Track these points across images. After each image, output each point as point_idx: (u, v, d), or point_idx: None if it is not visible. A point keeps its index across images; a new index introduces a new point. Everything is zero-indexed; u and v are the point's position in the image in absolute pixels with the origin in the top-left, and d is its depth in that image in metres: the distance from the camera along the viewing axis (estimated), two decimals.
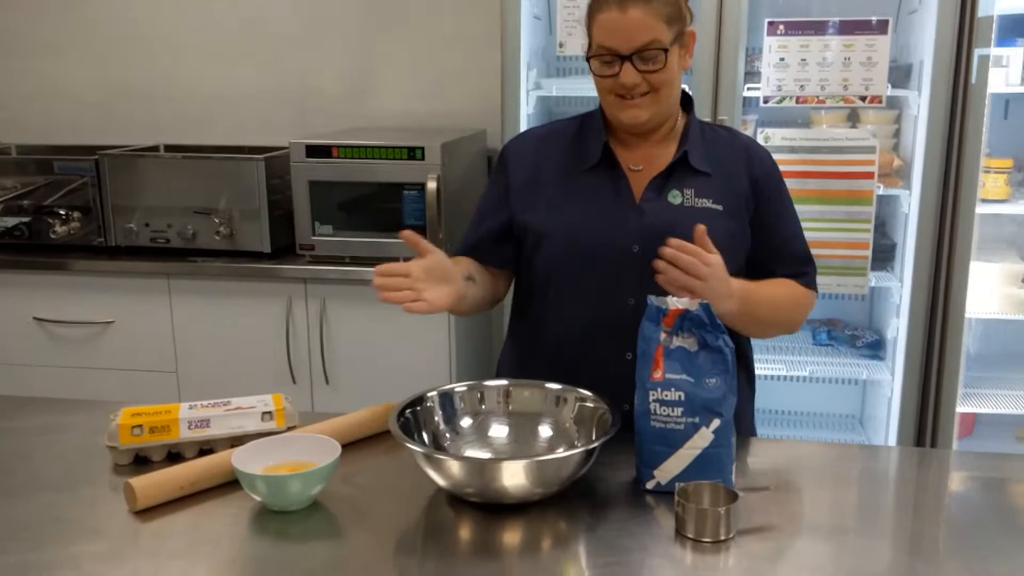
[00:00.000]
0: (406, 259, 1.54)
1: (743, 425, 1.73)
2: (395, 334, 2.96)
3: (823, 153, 2.55)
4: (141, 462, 1.54)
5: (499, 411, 1.53)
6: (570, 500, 1.38)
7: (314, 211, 2.96)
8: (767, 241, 1.69)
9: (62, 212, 3.21)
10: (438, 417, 1.50)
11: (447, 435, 1.49)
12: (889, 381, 2.77)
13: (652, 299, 1.43)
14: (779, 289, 1.68)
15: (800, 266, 1.72)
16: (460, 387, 1.54)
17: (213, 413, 1.57)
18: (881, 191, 2.62)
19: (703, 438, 1.40)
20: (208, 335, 3.09)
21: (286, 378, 3.04)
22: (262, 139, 3.42)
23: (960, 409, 2.65)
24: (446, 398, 1.52)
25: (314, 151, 2.92)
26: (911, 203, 2.65)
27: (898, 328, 2.72)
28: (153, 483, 1.38)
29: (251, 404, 1.61)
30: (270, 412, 1.59)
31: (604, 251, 1.62)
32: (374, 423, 1.63)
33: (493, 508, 1.35)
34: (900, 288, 2.70)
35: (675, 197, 1.63)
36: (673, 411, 1.40)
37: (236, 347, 3.08)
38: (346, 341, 3.01)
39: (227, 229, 3.06)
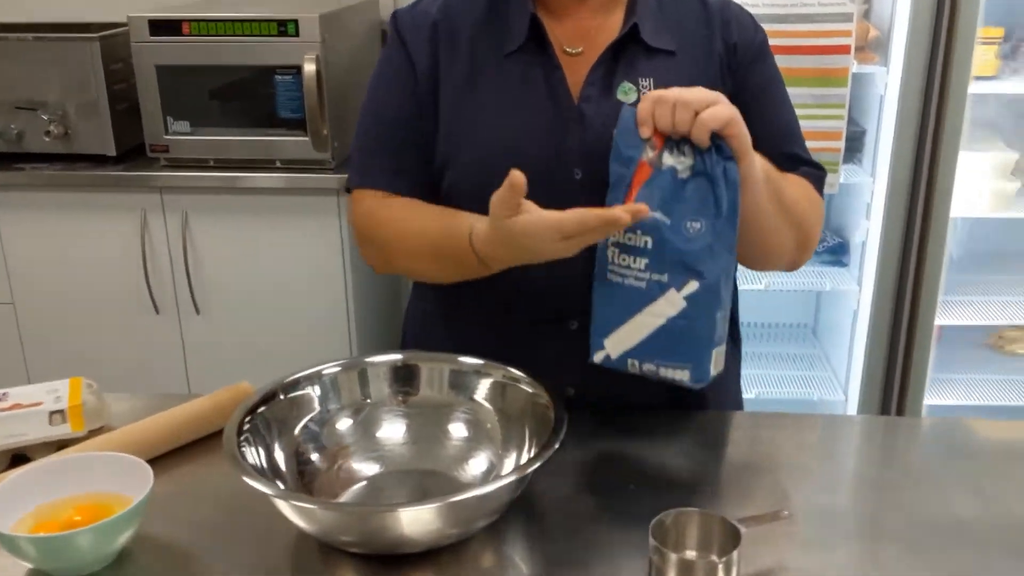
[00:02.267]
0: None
1: (727, 396, 1.32)
2: (276, 251, 2.46)
3: (790, 23, 2.09)
4: None
5: (392, 401, 1.08)
6: (499, 532, 0.95)
7: (166, 104, 2.39)
8: (753, 135, 1.22)
9: None
10: (303, 417, 1.04)
11: (315, 445, 1.03)
12: (855, 292, 2.40)
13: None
14: (791, 180, 1.21)
15: (802, 166, 1.24)
16: (331, 367, 1.07)
17: None
18: (855, 68, 2.18)
19: (671, 304, 1.00)
20: (48, 258, 2.54)
21: (147, 308, 2.53)
22: (96, 13, 2.78)
23: (939, 321, 2.30)
24: (313, 384, 1.05)
25: (160, 27, 2.34)
26: (888, 81, 2.23)
27: (868, 231, 2.33)
28: None
29: (34, 398, 1.12)
30: (61, 411, 1.11)
31: (533, 180, 1.14)
32: (219, 416, 1.16)
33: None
34: (872, 184, 2.30)
35: (628, 92, 1.16)
36: (635, 262, 1.01)
37: (84, 272, 2.54)
38: (216, 261, 2.50)
39: (60, 128, 2.48)
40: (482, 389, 1.06)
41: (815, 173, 1.24)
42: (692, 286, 0.99)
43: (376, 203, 1.22)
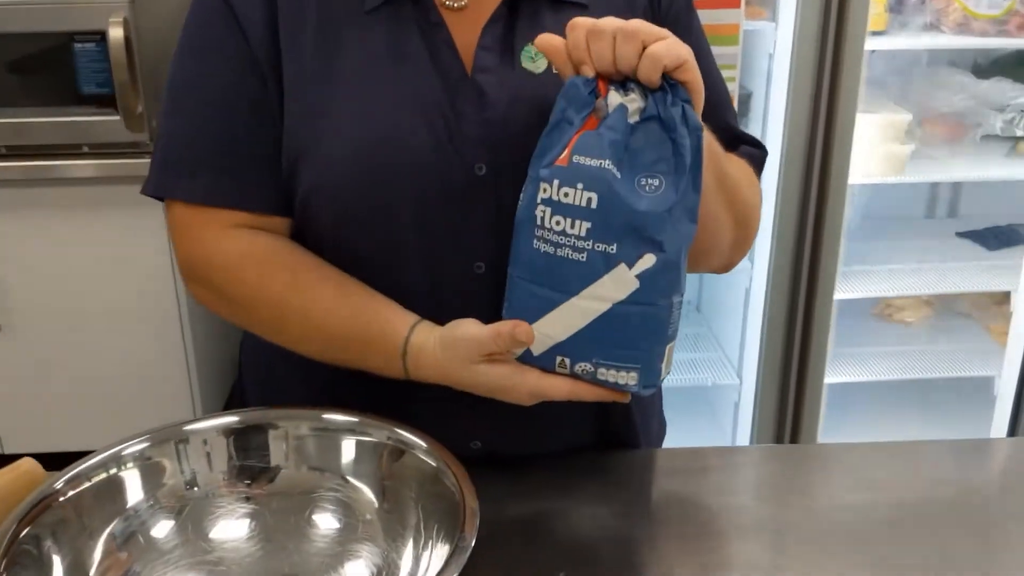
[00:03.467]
0: None
1: (655, 419, 1.08)
2: (90, 253, 2.08)
3: None
4: None
5: (229, 484, 0.78)
6: None
7: None
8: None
9: None
10: (102, 525, 0.73)
11: (125, 560, 0.73)
12: (747, 267, 2.23)
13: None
14: (732, 160, 0.97)
15: (742, 144, 1.01)
16: (135, 444, 0.76)
17: None
18: (744, 26, 1.98)
19: (619, 284, 0.77)
20: None
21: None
22: None
23: (838, 296, 2.15)
24: (112, 473, 0.75)
25: None
26: (777, 39, 2.04)
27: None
28: None
29: None
30: None
31: (420, 181, 0.86)
32: (13, 500, 0.84)
33: None
34: None
35: (534, 57, 0.89)
36: (573, 226, 0.76)
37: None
38: (18, 268, 2.10)
39: None
40: (358, 460, 0.78)
41: (756, 154, 1.00)
42: (648, 260, 0.75)
43: (226, 239, 0.89)
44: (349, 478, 0.77)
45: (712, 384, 2.35)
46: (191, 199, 0.89)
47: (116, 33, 1.89)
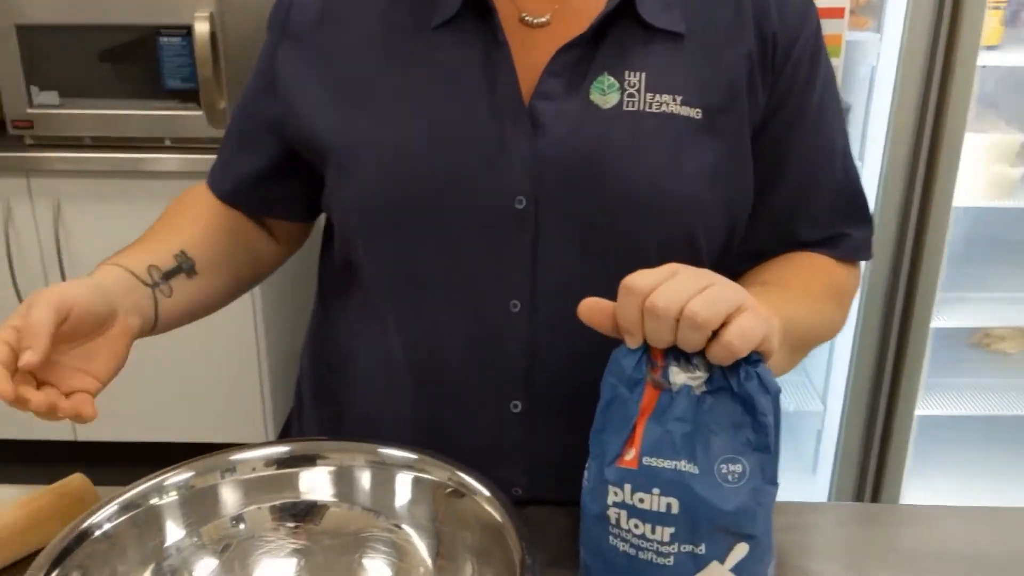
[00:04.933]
0: None
1: None
2: None
3: None
4: None
5: (275, 524, 0.73)
6: None
7: (29, 71, 1.99)
8: (791, 177, 0.86)
9: None
10: (143, 566, 0.69)
11: None
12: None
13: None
14: (810, 283, 0.87)
15: (847, 222, 0.91)
16: (179, 474, 0.72)
17: None
18: (847, 36, 1.88)
19: None
20: None
21: (14, 304, 2.13)
22: None
23: (935, 323, 2.03)
24: (154, 508, 0.70)
25: None
26: (882, 50, 1.93)
27: None
28: None
29: None
30: None
31: (458, 204, 0.80)
32: (35, 534, 0.81)
33: None
34: (861, 168, 2.01)
35: (606, 90, 0.80)
36: (655, 532, 0.67)
37: None
38: (96, 259, 2.10)
39: None
40: (415, 500, 0.73)
41: (853, 237, 0.91)
42: (740, 551, 0.67)
43: (178, 200, 0.98)
44: (403, 520, 0.72)
45: (795, 409, 2.24)
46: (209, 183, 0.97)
47: (202, 28, 1.88)
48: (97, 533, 0.66)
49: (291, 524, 0.72)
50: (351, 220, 0.85)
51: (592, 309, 0.67)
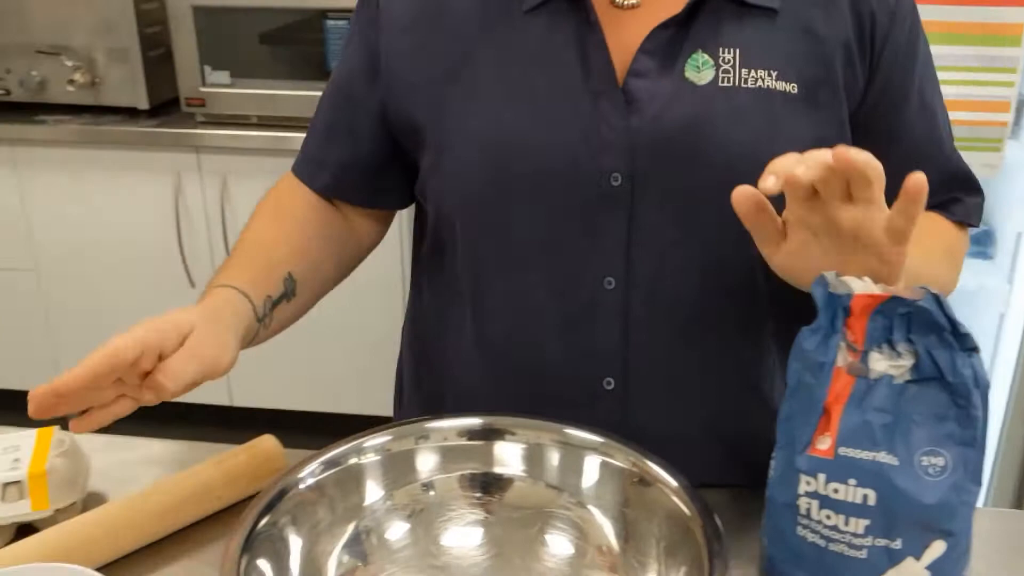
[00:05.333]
0: None
1: None
2: None
3: None
4: None
5: (464, 490, 0.75)
6: None
7: (203, 51, 2.09)
8: (891, 145, 0.83)
9: None
10: (343, 523, 0.72)
11: (354, 558, 0.72)
12: (1004, 290, 2.02)
13: (827, 275, 0.67)
14: (930, 238, 0.86)
15: (951, 187, 0.90)
16: (377, 437, 0.74)
17: None
18: None
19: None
20: (73, 222, 2.28)
21: (182, 282, 2.25)
22: None
23: None
24: (353, 468, 0.73)
25: None
26: None
27: None
28: None
29: None
30: (17, 483, 0.81)
31: (554, 183, 0.81)
32: (229, 488, 0.86)
33: None
34: None
35: (700, 67, 0.79)
36: (847, 523, 0.65)
37: (112, 239, 2.27)
38: None
39: (86, 76, 2.19)
40: (600, 483, 0.73)
41: (962, 201, 0.90)
42: (937, 548, 0.65)
43: (273, 197, 0.95)
44: (588, 501, 0.73)
45: None
46: (296, 173, 0.95)
47: None
48: (302, 486, 0.70)
49: (477, 494, 0.74)
50: (447, 202, 0.86)
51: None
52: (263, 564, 0.65)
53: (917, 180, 0.63)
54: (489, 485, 0.74)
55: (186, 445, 0.98)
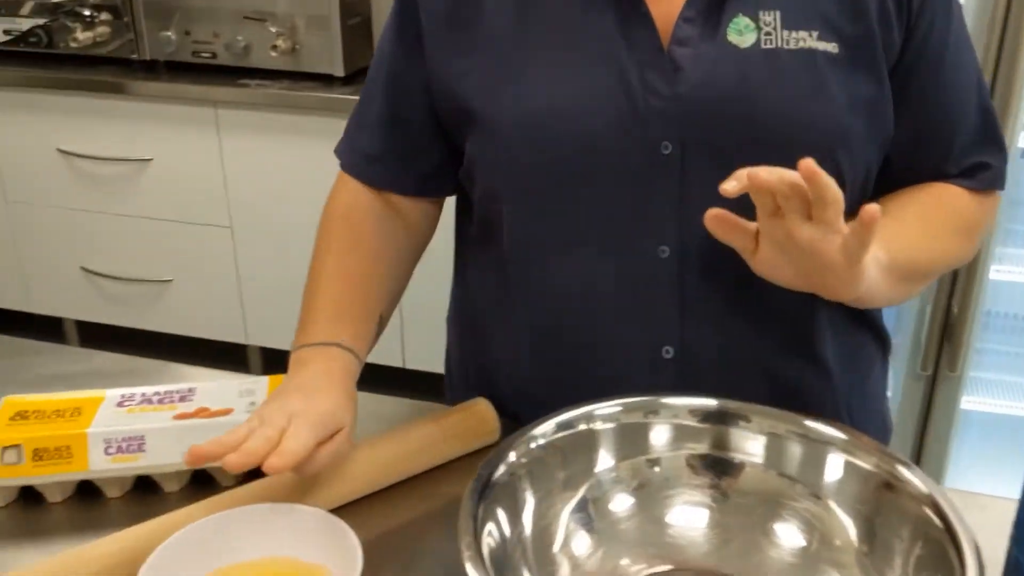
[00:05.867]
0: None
1: (868, 417, 0.96)
2: None
3: None
4: (31, 499, 0.85)
5: (691, 471, 0.75)
6: None
7: None
8: (923, 104, 0.86)
9: (86, 13, 2.47)
10: (571, 488, 0.73)
11: (581, 525, 0.72)
12: None
13: None
14: (928, 215, 0.88)
15: (985, 152, 0.90)
16: (607, 407, 0.75)
17: (152, 425, 0.84)
18: None
19: None
20: (268, 183, 2.38)
21: None
22: None
23: None
24: (584, 436, 0.74)
25: None
26: None
27: None
28: None
29: (224, 402, 0.88)
30: None
31: (605, 156, 0.81)
32: (448, 446, 0.89)
33: None
34: None
35: (742, 31, 0.79)
36: None
37: (304, 199, 2.36)
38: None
39: (287, 43, 2.28)
40: (842, 481, 0.71)
41: (991, 167, 0.90)
42: None
43: (343, 218, 0.96)
44: (825, 495, 0.71)
45: None
46: (358, 176, 0.96)
47: None
48: (533, 445, 0.71)
49: (705, 476, 0.74)
50: (496, 181, 0.86)
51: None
52: (499, 511, 0.67)
53: (871, 211, 0.65)
54: (718, 468, 0.73)
55: (391, 401, 1.01)
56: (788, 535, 0.71)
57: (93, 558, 0.72)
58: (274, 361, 2.61)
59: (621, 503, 0.73)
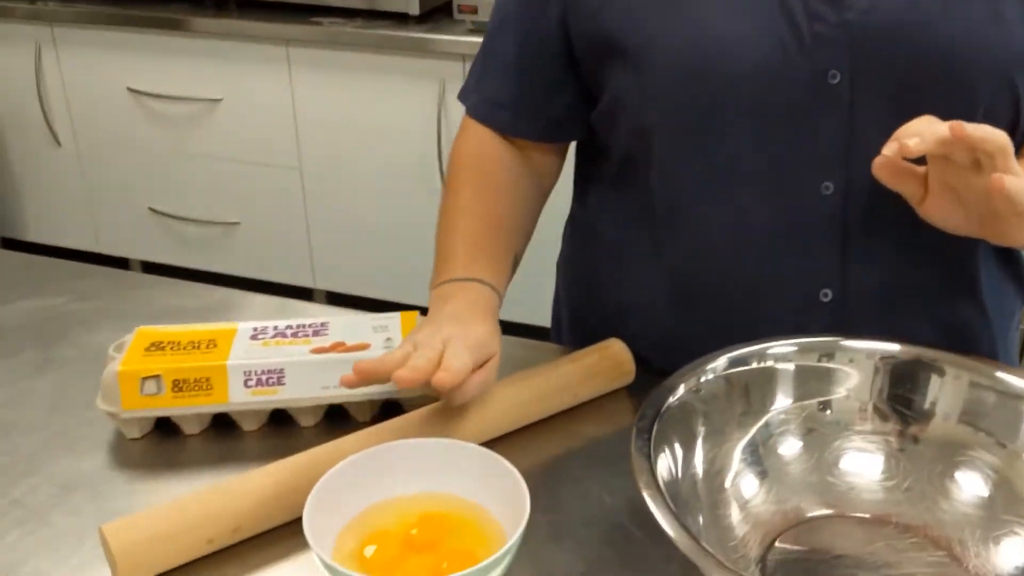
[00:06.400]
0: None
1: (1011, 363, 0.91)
2: None
3: None
4: (166, 430, 0.85)
5: (866, 417, 0.72)
6: None
7: None
8: None
9: None
10: (741, 427, 0.71)
11: (750, 468, 0.70)
12: None
13: None
14: None
15: None
16: (783, 348, 0.72)
17: (291, 358, 0.83)
18: None
19: None
20: (339, 123, 2.36)
21: (438, 187, 2.30)
22: None
23: None
24: (755, 374, 0.71)
25: None
26: None
27: None
28: (148, 541, 0.67)
29: (359, 337, 0.86)
30: None
31: (769, 87, 0.76)
32: (585, 386, 0.87)
33: None
34: None
35: None
36: None
37: (374, 141, 2.34)
38: None
39: None
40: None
41: None
42: None
43: (476, 165, 0.93)
44: (1015, 447, 0.68)
45: None
46: (486, 121, 0.93)
47: None
48: (703, 379, 0.69)
49: (880, 422, 0.71)
50: (648, 117, 0.82)
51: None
52: (668, 448, 0.65)
53: None
54: (895, 415, 0.71)
55: (520, 342, 0.99)
56: (969, 486, 0.68)
57: (250, 490, 0.71)
58: (340, 305, 2.61)
59: (791, 446, 0.71)
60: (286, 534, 0.72)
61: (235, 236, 2.60)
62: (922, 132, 0.66)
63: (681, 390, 0.67)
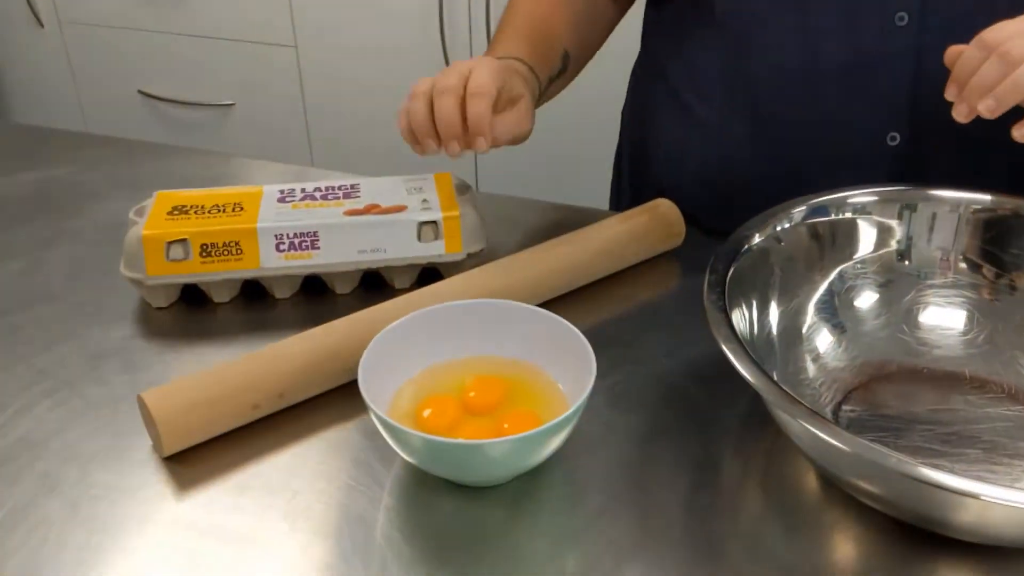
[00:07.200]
0: None
1: None
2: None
3: None
4: (193, 299, 0.80)
5: (950, 268, 0.68)
6: None
7: None
8: None
9: None
10: (813, 282, 0.67)
11: (823, 322, 0.67)
12: None
13: None
14: None
15: None
16: (862, 195, 0.67)
17: (325, 220, 0.78)
18: None
19: None
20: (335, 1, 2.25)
21: (440, 66, 2.21)
22: None
23: None
24: (834, 222, 0.67)
25: None
26: None
27: None
28: (190, 407, 0.64)
29: (394, 199, 0.81)
30: (434, 223, 0.79)
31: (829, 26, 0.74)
32: (634, 248, 0.83)
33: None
34: None
35: None
36: None
37: (373, 17, 2.23)
38: None
39: None
40: None
41: None
42: None
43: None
44: None
45: None
46: None
47: None
48: (779, 227, 0.65)
49: (962, 274, 0.67)
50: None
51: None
52: (746, 291, 0.61)
53: None
54: (977, 265, 0.67)
55: (563, 207, 0.95)
56: None
57: (293, 354, 0.67)
58: None
59: (867, 298, 0.67)
60: (333, 401, 0.68)
61: (229, 119, 2.52)
62: (996, 92, 0.59)
63: (756, 239, 0.63)
